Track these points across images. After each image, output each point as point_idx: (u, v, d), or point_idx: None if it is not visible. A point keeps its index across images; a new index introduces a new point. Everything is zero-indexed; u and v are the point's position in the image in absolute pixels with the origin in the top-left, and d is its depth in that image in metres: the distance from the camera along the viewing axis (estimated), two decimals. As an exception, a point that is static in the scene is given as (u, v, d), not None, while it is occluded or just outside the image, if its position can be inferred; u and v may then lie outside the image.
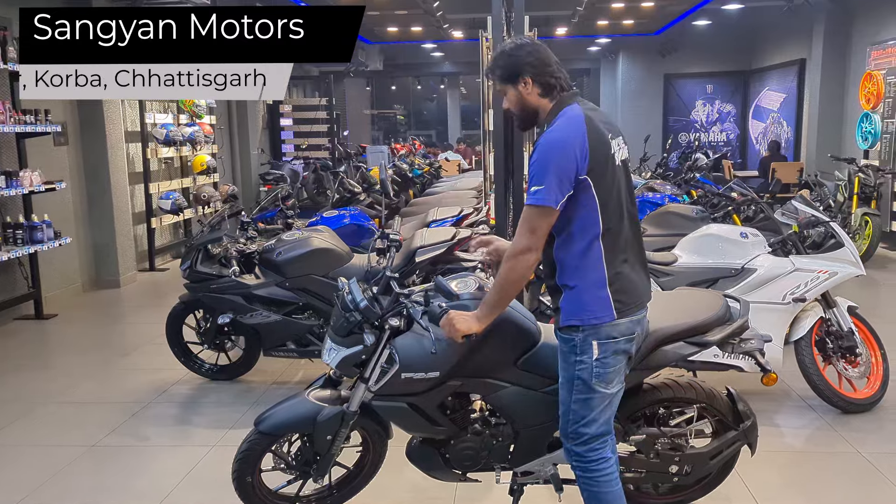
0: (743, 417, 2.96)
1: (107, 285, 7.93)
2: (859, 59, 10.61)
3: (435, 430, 2.81)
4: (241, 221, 4.87)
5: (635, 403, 2.89)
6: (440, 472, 2.92)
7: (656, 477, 2.97)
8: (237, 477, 2.93)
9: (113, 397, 4.75)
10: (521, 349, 2.74)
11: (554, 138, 2.35)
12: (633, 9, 12.46)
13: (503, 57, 2.51)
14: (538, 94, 2.47)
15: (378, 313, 2.67)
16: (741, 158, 15.85)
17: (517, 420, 2.81)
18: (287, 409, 2.88)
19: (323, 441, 2.84)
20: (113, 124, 7.99)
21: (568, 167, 2.31)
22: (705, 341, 2.75)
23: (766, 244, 4.37)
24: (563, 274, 2.45)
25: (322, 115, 13.34)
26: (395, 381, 2.67)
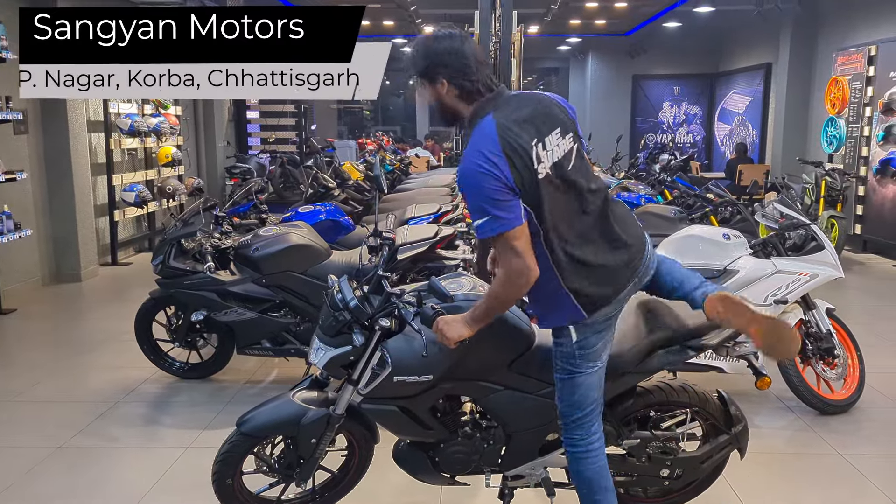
0: (735, 421, 2.95)
1: (67, 279, 7.66)
2: (825, 64, 10.80)
3: (425, 433, 2.73)
4: (215, 216, 4.71)
5: (628, 407, 2.86)
6: (429, 475, 2.85)
7: (647, 481, 2.95)
8: (217, 479, 2.81)
9: (78, 396, 4.57)
10: (515, 352, 2.68)
11: (468, 170, 2.22)
12: (607, 8, 12.51)
13: (421, 52, 2.33)
14: (455, 96, 2.33)
15: (368, 313, 2.57)
16: (707, 160, 16.06)
17: (509, 423, 2.75)
18: (271, 410, 2.77)
19: (307, 444, 2.74)
20: (75, 113, 7.72)
21: (495, 189, 2.19)
22: (702, 345, 2.72)
23: (747, 246, 4.38)
24: None
25: (289, 108, 13.12)
26: (387, 384, 2.58)
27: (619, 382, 2.72)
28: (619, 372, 2.66)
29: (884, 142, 8.80)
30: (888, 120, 8.72)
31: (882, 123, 8.84)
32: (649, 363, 2.69)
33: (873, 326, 5.87)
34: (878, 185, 9.05)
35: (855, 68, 9.55)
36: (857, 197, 9.40)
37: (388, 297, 2.58)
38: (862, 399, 4.36)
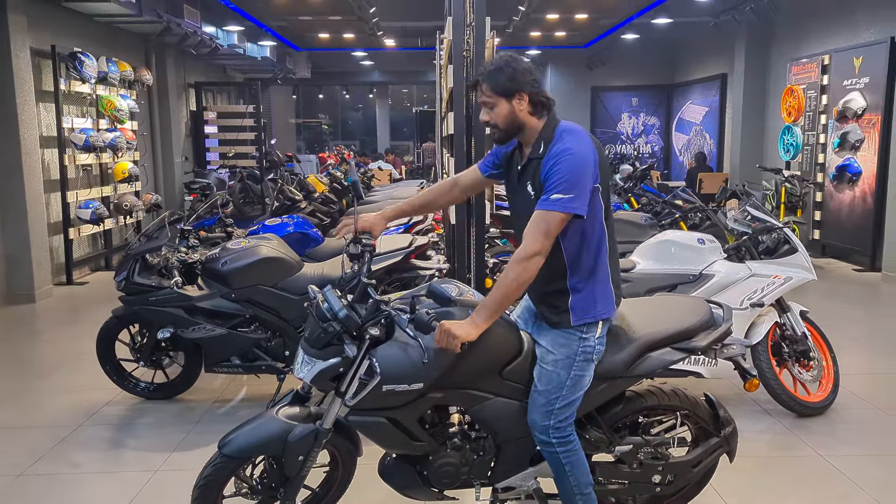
0: (724, 424, 2.93)
1: (20, 300, 7.35)
2: (779, 74, 11.06)
3: (414, 445, 2.62)
4: (180, 229, 4.54)
5: (618, 412, 2.81)
6: (416, 490, 2.74)
7: (639, 488, 2.89)
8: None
9: (36, 421, 4.35)
10: (507, 358, 2.61)
11: (579, 151, 2.42)
12: (567, 20, 12.63)
13: (505, 68, 2.48)
14: (528, 112, 2.51)
15: (358, 322, 2.46)
16: (666, 170, 16.30)
17: (500, 433, 2.67)
18: (254, 429, 2.61)
19: (294, 462, 2.60)
20: (27, 127, 7.45)
21: (589, 178, 2.43)
22: (692, 347, 2.71)
23: (721, 250, 4.40)
24: (576, 276, 2.53)
25: (249, 122, 12.93)
26: (376, 393, 2.47)
27: (610, 387, 2.67)
28: (609, 377, 2.63)
29: (839, 148, 9.02)
30: (843, 127, 8.95)
31: (837, 131, 9.07)
32: (639, 367, 2.65)
33: (841, 329, 5.96)
34: (835, 191, 9.26)
35: (809, 77, 9.79)
36: (815, 203, 9.61)
37: (377, 305, 2.49)
38: (837, 401, 4.40)
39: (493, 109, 2.51)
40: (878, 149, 8.44)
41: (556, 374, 2.52)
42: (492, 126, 2.55)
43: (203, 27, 10.62)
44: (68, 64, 8.18)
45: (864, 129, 8.70)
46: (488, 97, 2.50)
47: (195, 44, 10.71)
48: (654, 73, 16.56)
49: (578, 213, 2.38)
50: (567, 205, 2.36)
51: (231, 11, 11.30)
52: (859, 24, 9.09)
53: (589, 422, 2.76)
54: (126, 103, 9.19)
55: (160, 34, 10.07)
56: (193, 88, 12.84)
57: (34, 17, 7.72)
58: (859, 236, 8.82)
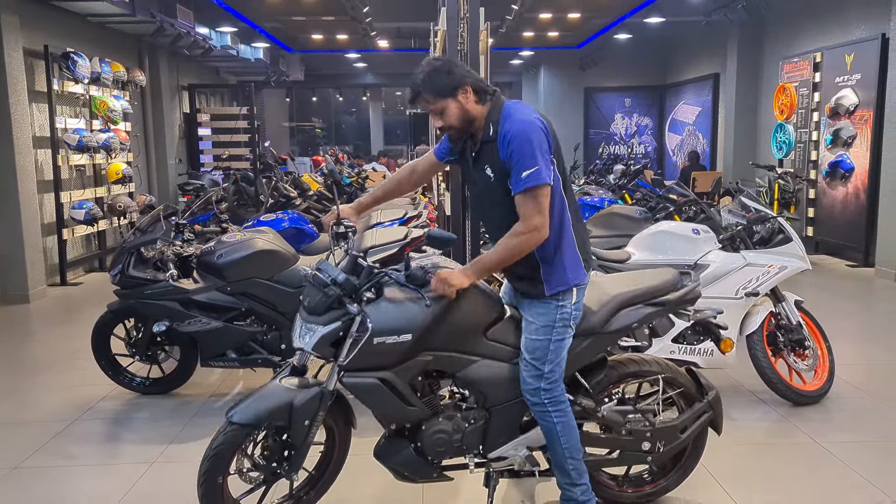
0: (706, 389, 3.09)
1: (14, 301, 7.32)
2: (772, 72, 11.11)
3: (407, 410, 2.70)
4: (176, 223, 4.53)
5: (602, 380, 2.96)
6: (412, 465, 2.79)
7: (630, 457, 3.02)
8: (207, 478, 2.66)
9: (32, 417, 4.33)
10: (489, 319, 2.77)
11: (527, 122, 2.53)
12: (560, 20, 12.67)
13: (437, 73, 2.56)
14: (475, 102, 2.59)
15: (355, 285, 2.60)
16: (660, 170, 16.34)
17: (489, 396, 2.78)
18: (261, 397, 2.68)
19: (300, 428, 2.66)
20: (20, 127, 7.42)
21: (545, 145, 2.54)
22: (663, 300, 2.93)
23: (716, 240, 4.42)
24: (543, 248, 2.62)
25: (242, 124, 12.91)
26: (367, 348, 2.58)
27: (592, 344, 2.84)
28: (588, 334, 2.82)
29: (832, 145, 9.06)
30: (835, 124, 9.00)
31: (830, 127, 9.12)
32: (614, 322, 2.84)
33: (835, 322, 5.98)
34: (828, 188, 9.31)
35: (801, 75, 9.84)
36: (808, 200, 9.65)
37: (371, 270, 2.64)
38: (832, 390, 4.42)
39: (444, 113, 2.57)
40: (871, 145, 8.48)
41: (539, 341, 2.68)
42: (447, 128, 2.62)
43: (196, 28, 10.61)
44: (61, 64, 8.16)
45: (856, 126, 8.74)
46: (434, 104, 2.56)
47: (188, 45, 10.71)
48: (646, 73, 16.62)
49: (545, 181, 2.50)
50: (539, 176, 2.49)
51: (224, 12, 11.29)
52: (851, 21, 9.15)
53: (576, 389, 2.90)
54: (119, 104, 9.17)
55: (153, 34, 10.06)
56: (187, 90, 12.82)
57: (26, 16, 7.70)
58: (852, 232, 8.86)
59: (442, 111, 2.56)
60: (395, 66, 20.08)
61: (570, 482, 2.76)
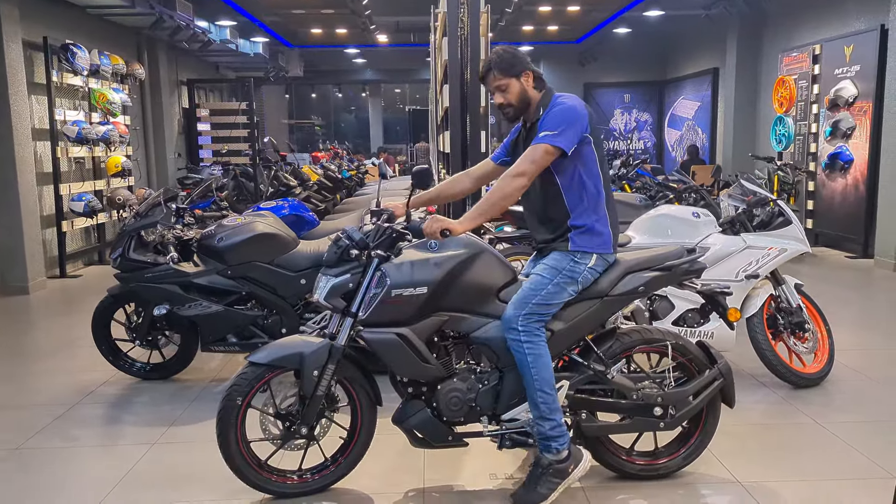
0: (716, 357, 3.16)
1: (14, 292, 7.32)
2: (771, 65, 11.12)
3: (423, 367, 2.83)
4: (176, 207, 4.53)
5: (612, 347, 3.04)
6: (429, 427, 2.91)
7: (642, 423, 3.08)
8: (226, 403, 2.85)
9: (33, 401, 4.33)
10: (502, 281, 2.93)
11: (571, 101, 2.85)
12: (559, 13, 12.67)
13: (507, 54, 2.90)
14: (533, 87, 2.91)
15: (366, 242, 2.83)
16: (659, 164, 16.34)
17: (501, 357, 2.89)
18: (278, 345, 2.92)
19: (310, 378, 2.83)
20: (19, 119, 7.42)
21: (581, 123, 2.79)
22: (668, 265, 3.04)
23: (716, 223, 4.42)
24: (578, 218, 2.86)
25: (241, 119, 12.90)
26: (387, 300, 2.77)
27: (601, 307, 2.96)
28: (596, 297, 2.94)
29: (831, 137, 9.07)
30: (834, 115, 9.00)
31: (829, 119, 9.12)
32: (621, 286, 2.96)
33: (834, 310, 5.95)
34: (828, 180, 9.32)
35: (801, 67, 9.85)
36: (808, 192, 9.66)
37: (383, 229, 2.85)
38: (832, 373, 4.42)
39: (507, 90, 2.89)
40: (870, 136, 8.49)
41: (542, 277, 2.85)
42: (507, 106, 2.92)
43: (195, 20, 10.60)
44: (60, 56, 8.16)
45: (855, 117, 8.75)
46: (501, 81, 2.88)
47: (187, 37, 10.71)
48: (646, 69, 16.63)
49: (561, 146, 2.73)
50: (552, 139, 2.73)
51: (223, 5, 11.29)
52: (850, 12, 9.16)
53: (587, 355, 3.03)
54: (119, 97, 9.17)
55: (152, 27, 10.05)
56: (186, 86, 12.82)
57: (26, 8, 7.70)
58: (852, 224, 8.87)
59: (506, 88, 2.88)
60: (394, 63, 20.10)
61: (540, 415, 2.85)
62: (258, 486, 2.96)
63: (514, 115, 2.96)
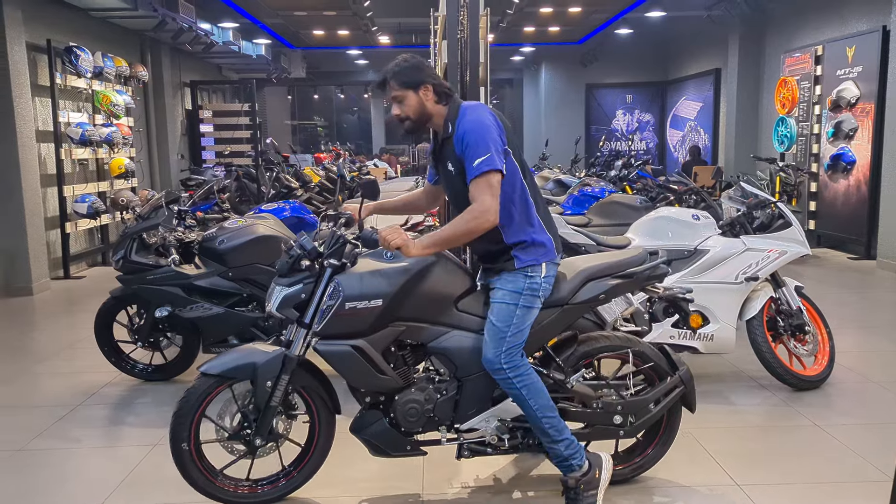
0: (678, 364, 3.12)
1: (18, 293, 7.35)
2: (773, 66, 11.12)
3: (379, 379, 2.78)
4: (178, 210, 4.55)
5: (572, 354, 3.02)
6: (386, 437, 2.87)
7: (602, 432, 3.05)
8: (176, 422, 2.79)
9: (35, 401, 4.36)
10: (460, 290, 2.86)
11: (481, 118, 2.72)
12: (560, 14, 12.68)
13: (406, 65, 2.78)
14: (434, 101, 2.79)
15: (318, 251, 2.74)
16: (661, 165, 16.35)
17: (460, 367, 2.85)
18: (231, 354, 2.85)
19: (263, 389, 2.78)
20: (23, 122, 7.45)
21: (497, 139, 2.70)
22: (630, 272, 2.97)
23: (716, 226, 4.43)
24: (512, 234, 2.78)
25: (244, 121, 12.94)
26: (340, 313, 2.69)
27: (561, 315, 2.91)
28: (557, 305, 2.89)
29: (833, 138, 9.06)
30: (837, 116, 9.00)
31: (831, 120, 9.12)
32: (582, 294, 2.91)
33: (835, 312, 5.97)
34: (830, 181, 9.31)
35: (803, 68, 9.84)
36: (810, 193, 9.65)
37: (336, 237, 2.76)
38: (832, 375, 4.42)
39: (403, 102, 2.78)
40: (872, 137, 8.48)
41: (506, 306, 2.76)
42: (404, 118, 2.81)
43: (198, 23, 10.63)
44: (64, 58, 8.19)
45: (857, 118, 8.74)
46: (398, 92, 2.77)
47: (190, 40, 10.73)
48: (648, 69, 16.63)
49: (499, 168, 2.65)
50: (490, 163, 2.64)
51: (226, 7, 11.32)
52: (852, 13, 9.15)
53: (547, 364, 2.99)
54: (122, 98, 9.20)
55: (155, 29, 10.08)
56: (189, 87, 12.86)
57: (29, 11, 7.73)
58: (854, 225, 8.86)
59: (402, 100, 2.77)
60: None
61: (551, 440, 2.83)
62: (211, 495, 2.89)
63: (411, 128, 2.84)
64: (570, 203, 6.71)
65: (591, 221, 5.59)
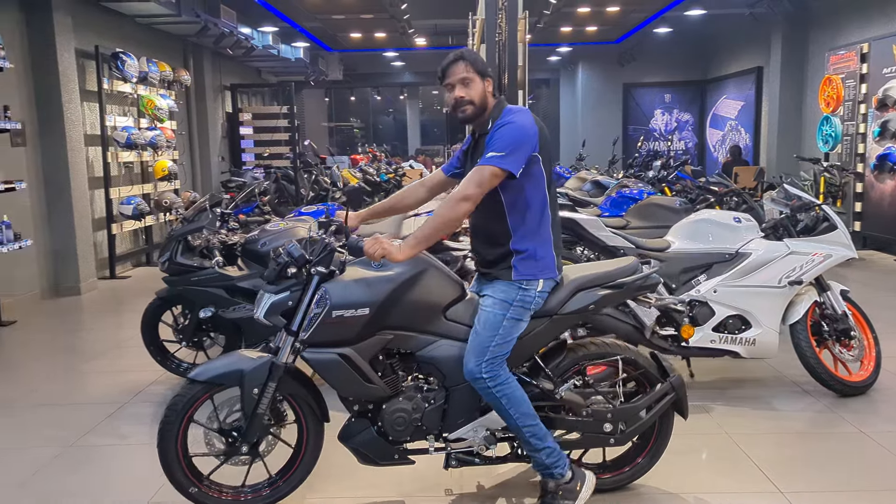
0: (669, 371, 3.08)
1: (67, 293, 7.57)
2: (817, 64, 10.90)
3: (366, 387, 2.77)
4: (221, 213, 4.65)
5: (561, 362, 2.99)
6: (373, 446, 2.87)
7: (592, 440, 3.03)
8: (163, 430, 2.83)
9: (85, 399, 4.49)
10: (449, 298, 2.84)
11: (523, 121, 2.71)
12: (598, 14, 12.60)
13: (477, 54, 2.82)
14: (489, 92, 2.81)
15: (306, 258, 2.71)
16: (700, 166, 16.13)
17: (448, 376, 2.83)
18: (219, 361, 2.87)
19: (250, 396, 2.77)
20: (72, 126, 7.67)
21: (530, 143, 2.69)
22: (620, 283, 2.94)
23: (758, 228, 4.37)
24: (519, 241, 2.75)
25: (283, 123, 13.12)
26: (327, 321, 2.68)
27: (550, 325, 2.88)
28: (545, 316, 2.86)
29: (880, 137, 8.85)
30: (883, 116, 8.78)
31: (877, 119, 8.91)
32: (571, 304, 2.88)
33: (881, 316, 5.82)
34: (876, 181, 9.09)
35: (848, 66, 9.63)
36: (855, 194, 9.44)
37: (323, 244, 2.74)
38: (878, 381, 4.33)
39: (470, 86, 2.75)
40: (920, 136, 8.27)
41: (494, 314, 2.73)
42: (467, 102, 2.76)
43: (239, 27, 10.83)
44: (111, 64, 8.41)
45: (904, 117, 8.52)
46: (469, 74, 2.75)
47: (231, 44, 10.93)
48: (687, 68, 16.43)
49: (509, 169, 2.62)
50: (500, 161, 2.62)
51: (266, 11, 11.50)
52: (899, 10, 8.93)
53: (536, 372, 2.95)
54: (166, 102, 9.41)
55: (197, 34, 10.29)
56: (229, 90, 13.09)
57: (79, 18, 7.95)
58: (901, 226, 8.64)
59: (469, 83, 2.75)
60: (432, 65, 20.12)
61: (533, 448, 2.81)
62: (198, 501, 2.90)
63: (471, 114, 2.77)
64: (607, 205, 6.66)
65: (629, 224, 5.54)
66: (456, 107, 2.78)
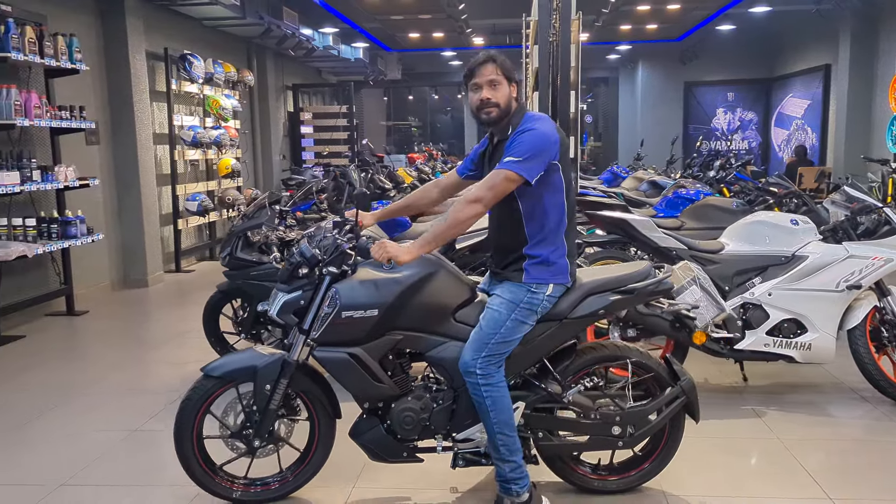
0: (679, 375, 3.04)
1: (135, 285, 7.91)
2: (887, 62, 10.52)
3: (376, 387, 2.83)
4: (279, 210, 4.81)
5: (570, 364, 2.98)
6: (382, 444, 2.91)
7: (601, 443, 3.01)
8: (180, 422, 2.93)
9: (150, 387, 4.71)
10: (458, 300, 2.85)
11: (544, 128, 2.72)
12: (658, 12, 12.42)
13: (507, 59, 2.82)
14: (515, 99, 2.82)
15: (318, 259, 2.78)
16: (764, 166, 15.72)
17: (456, 377, 2.84)
18: (233, 358, 2.98)
19: (262, 392, 2.86)
20: (142, 125, 8.00)
21: (550, 151, 2.68)
22: (632, 288, 2.91)
23: (816, 231, 4.28)
24: (535, 247, 2.76)
25: (342, 122, 13.36)
26: (337, 321, 2.74)
27: (559, 329, 2.87)
28: (555, 319, 2.85)
29: (954, 137, 8.49)
30: (958, 115, 8.42)
31: (951, 118, 8.54)
32: (581, 309, 2.87)
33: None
34: (949, 183, 8.72)
35: (920, 64, 9.26)
36: (927, 196, 9.07)
37: (336, 246, 2.80)
38: (942, 390, 4.19)
39: (498, 89, 2.75)
40: None
41: (499, 313, 2.74)
42: (493, 104, 2.75)
43: (300, 29, 11.08)
44: (179, 65, 8.74)
45: (981, 116, 8.16)
46: (498, 76, 2.75)
47: (293, 45, 11.20)
48: (751, 66, 16.02)
49: (524, 175, 2.62)
50: (516, 166, 2.62)
51: (327, 13, 11.74)
52: (977, 4, 8.55)
53: (544, 375, 2.95)
54: (230, 102, 9.72)
55: (261, 36, 10.59)
56: (291, 90, 13.40)
57: (149, 21, 8.29)
58: (976, 230, 8.26)
59: (498, 86, 2.75)
60: (490, 64, 20.13)
61: (500, 457, 2.81)
62: (212, 491, 3.00)
63: (495, 117, 2.76)
64: (663, 205, 6.59)
65: (683, 225, 5.49)
66: (481, 108, 2.77)
